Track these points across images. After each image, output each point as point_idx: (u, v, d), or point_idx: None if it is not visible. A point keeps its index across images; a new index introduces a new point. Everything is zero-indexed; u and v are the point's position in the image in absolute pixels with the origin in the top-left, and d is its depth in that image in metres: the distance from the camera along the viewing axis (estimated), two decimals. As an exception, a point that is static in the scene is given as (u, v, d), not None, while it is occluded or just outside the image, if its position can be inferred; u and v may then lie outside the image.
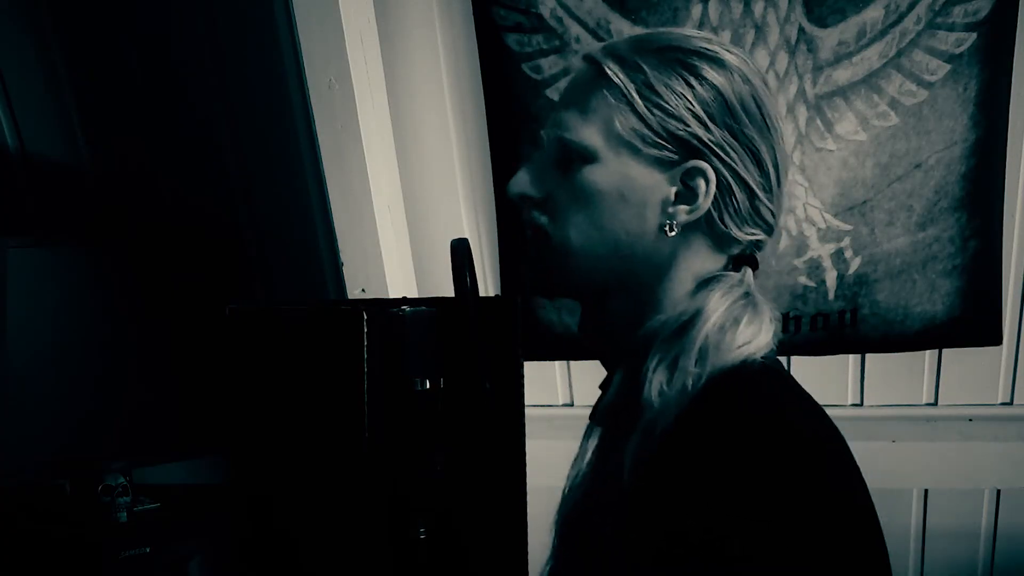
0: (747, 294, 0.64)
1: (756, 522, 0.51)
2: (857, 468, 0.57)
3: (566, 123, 0.64)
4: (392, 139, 1.35)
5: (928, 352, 1.30)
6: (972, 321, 1.24)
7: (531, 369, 1.43)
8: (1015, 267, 1.24)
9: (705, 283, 0.65)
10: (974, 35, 1.12)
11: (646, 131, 0.62)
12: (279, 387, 0.61)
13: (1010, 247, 1.23)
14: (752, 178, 0.63)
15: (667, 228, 0.63)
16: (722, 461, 0.54)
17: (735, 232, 0.64)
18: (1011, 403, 1.31)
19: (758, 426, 0.55)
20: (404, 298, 0.59)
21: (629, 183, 0.63)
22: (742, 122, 0.62)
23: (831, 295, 1.27)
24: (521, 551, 0.57)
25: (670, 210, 0.63)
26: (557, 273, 0.68)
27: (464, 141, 1.34)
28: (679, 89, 0.61)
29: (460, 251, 0.56)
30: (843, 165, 1.21)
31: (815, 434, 0.58)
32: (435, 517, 0.56)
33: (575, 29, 1.21)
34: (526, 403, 0.56)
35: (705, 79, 0.61)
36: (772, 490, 0.52)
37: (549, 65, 1.23)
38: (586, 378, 1.44)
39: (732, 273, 0.66)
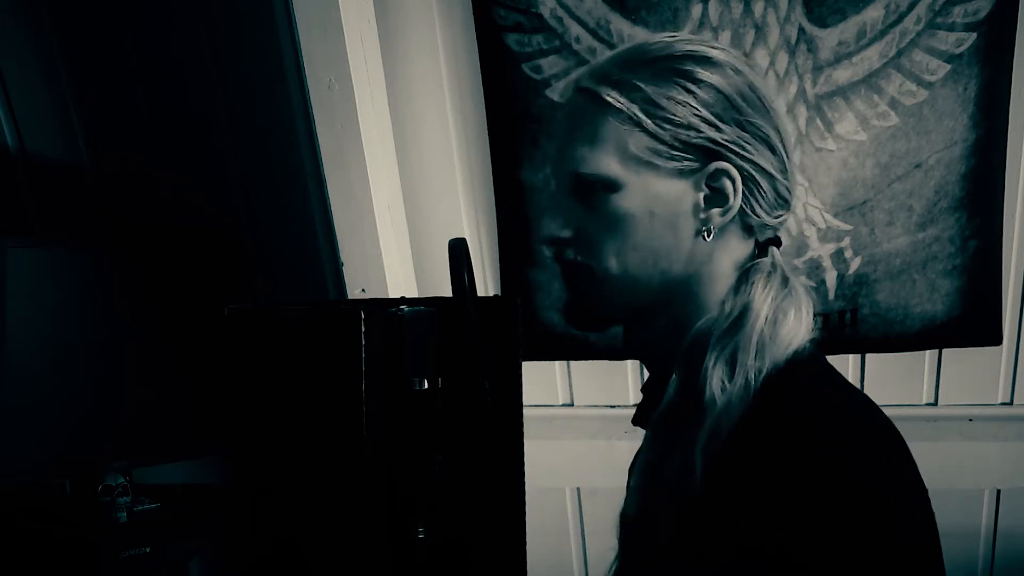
0: (785, 280, 0.65)
1: (822, 523, 0.52)
2: (912, 458, 0.58)
3: (577, 157, 0.64)
4: (392, 139, 1.35)
5: (928, 352, 1.30)
6: (972, 321, 1.24)
7: (531, 369, 1.43)
8: (1015, 267, 1.24)
9: (743, 276, 0.66)
10: (974, 35, 1.12)
11: (661, 147, 0.62)
12: (279, 387, 0.61)
13: (1010, 247, 1.23)
14: (770, 164, 0.64)
15: (704, 233, 0.64)
16: (790, 465, 0.54)
17: (766, 219, 0.66)
18: (1011, 403, 1.31)
19: (820, 428, 0.56)
20: (403, 298, 0.59)
21: (657, 200, 0.63)
22: (746, 113, 0.62)
23: (831, 295, 1.27)
24: (520, 551, 0.57)
25: (703, 215, 0.64)
26: (604, 305, 0.67)
27: (464, 141, 1.34)
28: (681, 98, 0.61)
29: (457, 251, 0.56)
30: (843, 165, 1.20)
31: (876, 430, 0.58)
32: (434, 517, 0.56)
33: (575, 29, 1.21)
34: (526, 403, 0.56)
35: (702, 81, 0.61)
36: (841, 492, 0.52)
37: (549, 65, 1.23)
38: (586, 378, 1.44)
39: (763, 260, 0.66)
